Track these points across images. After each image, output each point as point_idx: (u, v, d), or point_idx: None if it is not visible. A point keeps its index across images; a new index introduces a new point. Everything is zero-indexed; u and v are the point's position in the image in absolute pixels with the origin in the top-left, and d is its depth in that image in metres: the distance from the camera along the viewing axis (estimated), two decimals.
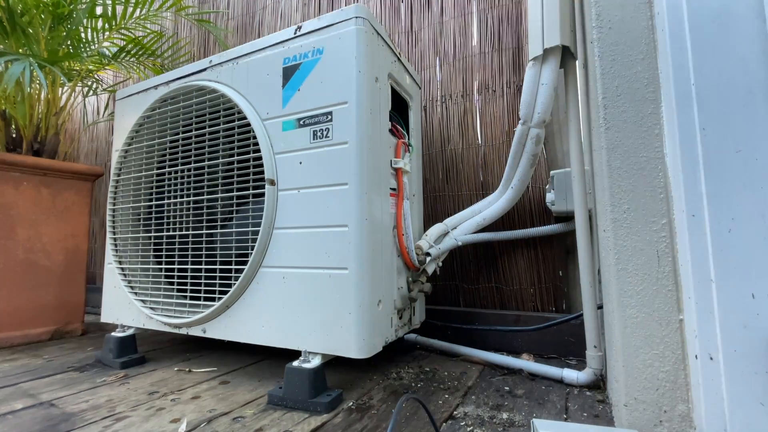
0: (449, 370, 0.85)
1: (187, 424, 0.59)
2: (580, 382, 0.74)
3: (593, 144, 0.68)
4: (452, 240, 0.95)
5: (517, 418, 0.61)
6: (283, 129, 0.76)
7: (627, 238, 0.54)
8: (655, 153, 0.53)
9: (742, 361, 0.42)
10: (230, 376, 0.83)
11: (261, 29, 1.59)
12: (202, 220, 0.84)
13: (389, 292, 0.77)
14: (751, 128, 0.45)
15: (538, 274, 1.04)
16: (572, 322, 0.91)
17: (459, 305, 1.13)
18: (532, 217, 1.05)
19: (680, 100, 0.47)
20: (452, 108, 1.17)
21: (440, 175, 1.17)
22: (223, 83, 0.84)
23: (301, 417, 0.62)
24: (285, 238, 0.74)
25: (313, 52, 0.75)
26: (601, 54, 0.58)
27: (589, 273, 0.75)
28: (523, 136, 0.85)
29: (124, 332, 0.92)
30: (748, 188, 0.44)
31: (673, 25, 0.49)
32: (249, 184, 0.78)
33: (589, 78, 0.70)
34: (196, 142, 0.86)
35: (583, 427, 0.51)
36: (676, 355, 0.50)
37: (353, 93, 0.70)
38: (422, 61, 1.23)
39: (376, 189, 0.73)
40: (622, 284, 0.54)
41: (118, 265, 0.96)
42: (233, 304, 0.78)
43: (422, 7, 1.25)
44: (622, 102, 0.56)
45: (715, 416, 0.43)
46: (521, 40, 1.10)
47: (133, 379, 0.81)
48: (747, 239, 0.44)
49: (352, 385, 0.76)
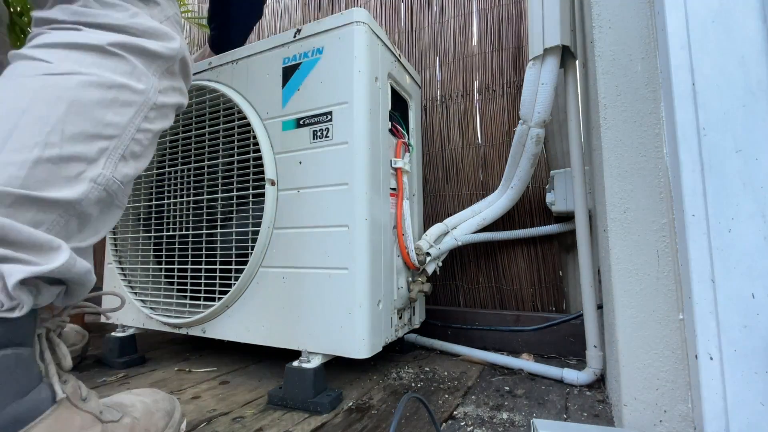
0: (449, 370, 0.85)
1: (186, 424, 0.59)
2: (580, 382, 0.74)
3: (593, 144, 0.68)
4: (452, 240, 0.95)
5: (517, 418, 0.61)
6: (283, 129, 0.76)
7: (627, 238, 0.54)
8: (655, 153, 0.53)
9: (742, 361, 0.42)
10: (230, 376, 0.83)
11: (261, 29, 1.59)
12: (202, 220, 0.84)
13: (389, 292, 0.77)
14: (751, 128, 0.45)
15: (538, 274, 1.04)
16: (572, 322, 0.91)
17: (459, 305, 1.13)
18: (532, 217, 1.05)
19: (680, 100, 0.47)
20: (452, 108, 1.17)
21: (440, 175, 1.17)
22: (223, 83, 0.84)
23: (301, 417, 0.62)
24: (285, 238, 0.74)
25: (312, 51, 0.75)
26: (601, 54, 0.58)
27: (589, 273, 0.75)
28: (523, 136, 0.85)
29: (124, 332, 0.92)
30: (748, 188, 0.44)
31: (673, 25, 0.49)
32: (249, 184, 0.78)
33: (589, 78, 0.70)
34: (196, 142, 0.86)
35: (583, 427, 0.52)
36: (676, 355, 0.50)
37: (353, 93, 0.70)
38: (422, 60, 1.23)
39: (376, 189, 0.73)
40: (622, 284, 0.54)
41: (118, 265, 0.96)
42: (233, 304, 0.78)
43: (422, 6, 1.25)
44: (622, 102, 0.56)
45: (715, 416, 0.43)
46: (521, 39, 1.10)
47: (133, 379, 0.81)
48: (747, 239, 0.44)
49: (352, 385, 0.76)
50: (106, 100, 0.45)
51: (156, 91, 0.51)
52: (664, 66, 0.51)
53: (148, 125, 0.50)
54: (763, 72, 0.45)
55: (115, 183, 0.47)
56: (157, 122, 0.51)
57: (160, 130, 0.52)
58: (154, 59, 0.50)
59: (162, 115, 0.52)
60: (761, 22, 0.46)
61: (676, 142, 0.47)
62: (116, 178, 0.47)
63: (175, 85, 0.54)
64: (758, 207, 0.44)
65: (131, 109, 0.48)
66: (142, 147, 0.50)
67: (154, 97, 0.50)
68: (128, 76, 0.47)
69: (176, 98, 0.54)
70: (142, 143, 0.50)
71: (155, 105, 0.50)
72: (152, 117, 0.50)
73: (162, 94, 0.51)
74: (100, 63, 0.46)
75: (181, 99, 0.56)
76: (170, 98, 0.53)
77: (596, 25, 0.59)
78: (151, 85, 0.50)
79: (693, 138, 0.46)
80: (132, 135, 0.48)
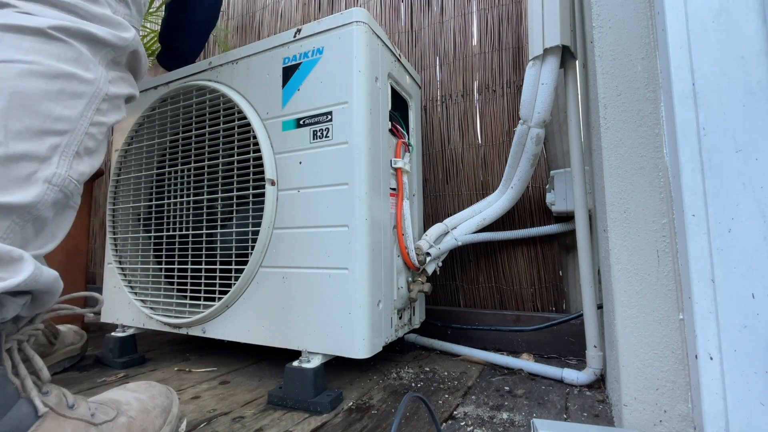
0: (449, 370, 0.85)
1: (186, 424, 0.58)
2: (580, 382, 0.74)
3: (593, 144, 0.68)
4: (452, 240, 0.95)
5: (517, 418, 0.61)
6: (283, 129, 0.76)
7: (627, 238, 0.54)
8: (655, 153, 0.53)
9: (742, 361, 0.42)
10: (230, 376, 0.83)
11: (261, 29, 1.59)
12: (202, 220, 0.84)
13: (389, 292, 0.77)
14: (751, 128, 0.45)
15: (538, 274, 1.04)
16: (572, 322, 0.91)
17: (459, 305, 1.13)
18: (532, 217, 1.05)
19: (680, 100, 0.47)
20: (452, 108, 1.17)
21: (440, 175, 1.17)
22: (223, 83, 0.84)
23: (301, 417, 0.62)
24: (285, 238, 0.74)
25: (313, 51, 0.75)
26: (601, 54, 0.58)
27: (589, 273, 0.75)
28: (523, 136, 0.85)
29: (124, 332, 0.92)
30: (748, 188, 0.44)
31: (673, 25, 0.49)
32: (249, 184, 0.78)
33: (589, 78, 0.70)
34: (196, 142, 0.86)
35: (583, 427, 0.51)
36: (676, 355, 0.50)
37: (353, 93, 0.70)
38: (422, 61, 1.23)
39: (376, 189, 0.73)
40: (622, 284, 0.54)
41: (118, 264, 0.96)
42: (233, 304, 0.78)
43: (422, 6, 1.25)
44: (622, 102, 0.56)
45: (715, 416, 0.43)
46: (521, 39, 1.10)
47: (133, 379, 0.81)
48: (747, 239, 0.44)
49: (352, 385, 0.76)
50: (52, 91, 0.41)
51: (106, 81, 0.47)
52: (664, 66, 0.51)
53: (101, 118, 0.46)
54: (763, 72, 0.45)
55: (72, 182, 0.44)
56: (110, 115, 0.48)
57: (113, 122, 0.49)
58: (101, 47, 0.46)
59: (114, 107, 0.49)
60: (761, 22, 0.46)
61: (676, 142, 0.47)
62: (72, 177, 0.43)
63: (123, 75, 0.50)
64: (758, 207, 0.44)
65: (82, 101, 0.44)
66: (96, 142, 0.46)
67: (105, 87, 0.46)
68: (74, 63, 0.43)
69: (127, 89, 0.51)
70: (96, 138, 0.46)
71: (107, 96, 0.47)
72: (105, 109, 0.47)
73: (112, 85, 0.48)
74: (40, 49, 0.41)
75: (132, 90, 0.52)
76: (121, 89, 0.49)
77: (596, 25, 0.59)
78: (100, 75, 0.46)
79: (693, 138, 0.46)
80: (85, 129, 0.45)
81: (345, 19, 0.72)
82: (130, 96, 0.52)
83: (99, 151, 0.48)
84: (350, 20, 0.72)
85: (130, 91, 0.51)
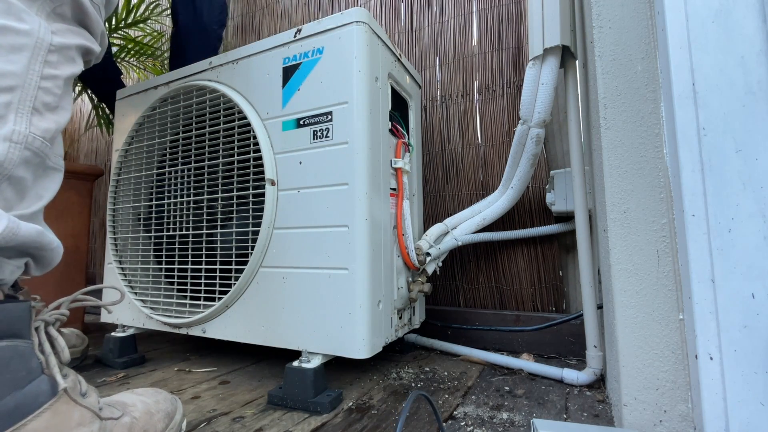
0: (449, 370, 0.85)
1: (186, 424, 0.59)
2: (580, 382, 0.74)
3: (593, 144, 0.68)
4: (452, 240, 0.95)
5: (517, 418, 0.61)
6: (283, 129, 0.76)
7: (627, 238, 0.54)
8: (655, 153, 0.53)
9: (742, 361, 0.42)
10: (230, 376, 0.83)
11: (261, 29, 1.59)
12: (202, 220, 0.84)
13: (389, 292, 0.77)
14: (751, 128, 0.45)
15: (538, 274, 1.04)
16: (572, 322, 0.91)
17: (459, 305, 1.13)
18: (532, 217, 1.05)
19: (680, 100, 0.47)
20: (452, 108, 1.17)
21: (440, 175, 1.17)
22: (223, 83, 0.84)
23: (301, 417, 0.62)
24: (285, 238, 0.74)
25: (313, 51, 0.75)
26: (601, 54, 0.58)
27: (589, 273, 0.75)
28: (523, 136, 0.85)
29: (123, 332, 0.92)
30: (748, 188, 0.44)
31: (673, 25, 0.49)
32: (249, 184, 0.78)
33: (589, 78, 0.70)
34: (196, 142, 0.86)
35: (583, 427, 0.51)
36: (676, 355, 0.50)
37: (353, 93, 0.70)
38: (422, 61, 1.23)
39: (376, 189, 0.73)
40: (622, 284, 0.54)
41: (118, 264, 0.96)
42: (233, 304, 0.78)
43: (422, 7, 1.25)
44: (622, 102, 0.56)
45: (715, 416, 0.43)
46: (521, 39, 1.10)
47: (133, 379, 0.81)
48: (747, 239, 0.44)
49: (352, 385, 0.76)
50: None
51: (47, 31, 0.44)
52: (664, 66, 0.51)
53: (52, 71, 0.44)
54: (763, 72, 0.45)
55: (36, 139, 0.42)
56: (62, 67, 0.46)
57: (70, 75, 0.47)
58: None
59: (67, 59, 0.46)
60: (761, 22, 0.46)
61: (676, 142, 0.47)
62: (35, 134, 0.42)
63: (71, 27, 0.47)
64: (758, 207, 0.44)
65: (24, 54, 0.42)
66: (54, 96, 0.45)
67: (48, 37, 0.44)
68: (4, 15, 0.41)
69: (77, 39, 0.48)
70: (53, 92, 0.45)
71: (53, 47, 0.44)
72: (54, 61, 0.45)
73: (57, 35, 0.45)
74: None
75: (85, 42, 0.49)
76: (69, 39, 0.46)
77: (596, 25, 0.59)
78: (39, 25, 0.43)
79: (693, 138, 0.46)
80: (36, 83, 0.43)
81: (345, 19, 0.72)
82: (84, 47, 0.49)
83: (62, 107, 0.46)
84: (350, 20, 0.72)
85: (81, 41, 0.48)
